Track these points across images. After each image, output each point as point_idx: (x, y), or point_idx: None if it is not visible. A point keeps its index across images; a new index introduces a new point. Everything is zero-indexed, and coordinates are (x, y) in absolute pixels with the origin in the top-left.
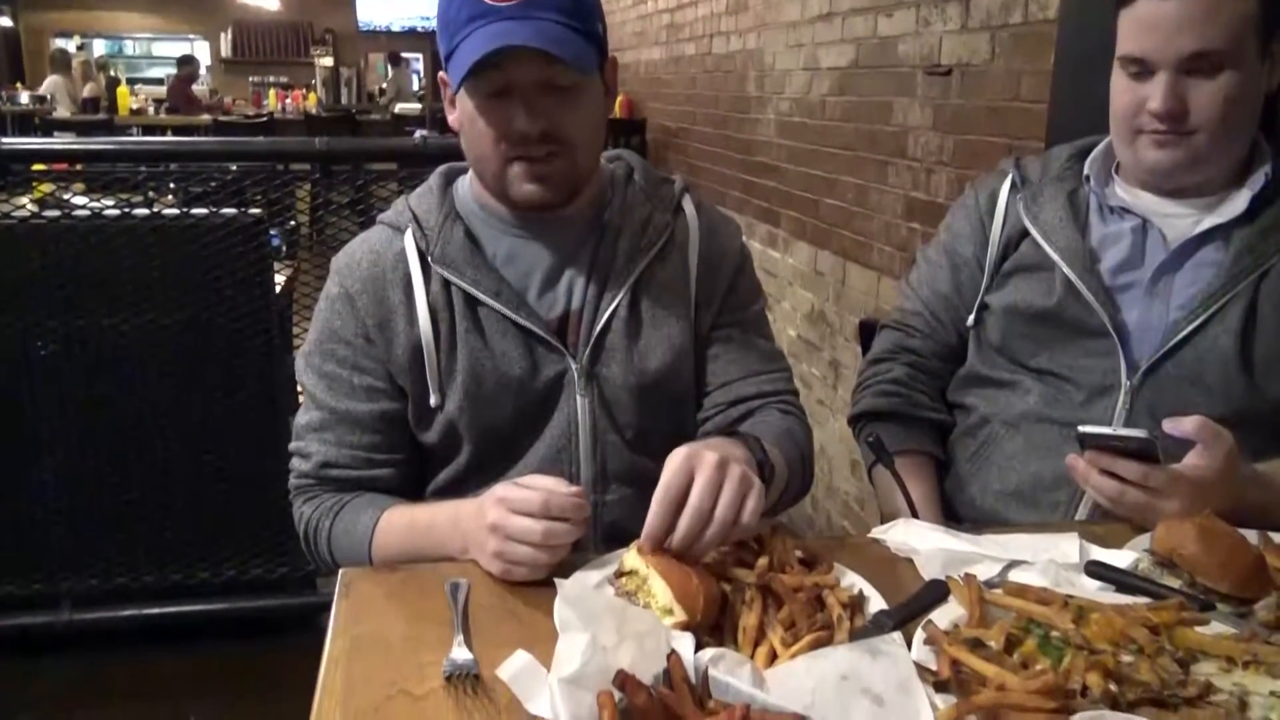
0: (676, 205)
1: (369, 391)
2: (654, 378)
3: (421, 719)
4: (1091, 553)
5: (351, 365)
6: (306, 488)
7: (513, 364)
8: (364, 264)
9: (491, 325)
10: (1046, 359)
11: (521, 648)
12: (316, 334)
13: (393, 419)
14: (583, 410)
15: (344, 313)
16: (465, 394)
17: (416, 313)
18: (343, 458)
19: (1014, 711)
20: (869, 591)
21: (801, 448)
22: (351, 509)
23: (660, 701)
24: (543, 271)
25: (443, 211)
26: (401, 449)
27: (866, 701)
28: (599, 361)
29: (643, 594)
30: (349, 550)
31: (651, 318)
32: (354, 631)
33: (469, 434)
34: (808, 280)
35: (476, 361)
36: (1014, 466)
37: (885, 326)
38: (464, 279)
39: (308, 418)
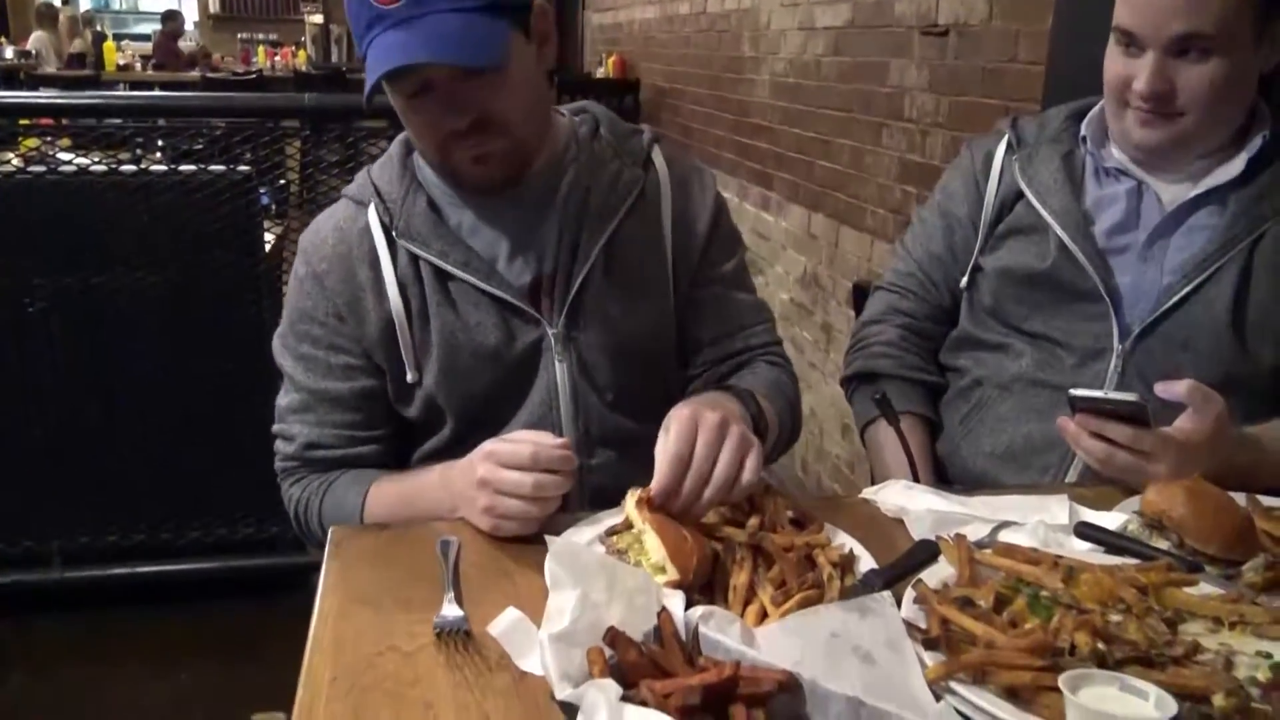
0: (646, 158)
1: (346, 370)
2: (633, 338)
3: (412, 675)
4: (1081, 514)
5: (326, 345)
6: (292, 470)
7: (487, 334)
8: (330, 241)
9: (463, 297)
10: (1039, 322)
11: (512, 605)
12: (289, 315)
13: (372, 395)
14: (562, 375)
15: (313, 293)
16: (441, 368)
17: (386, 289)
18: (326, 438)
19: (1002, 669)
20: (859, 551)
21: (790, 399)
22: (340, 485)
23: (650, 658)
24: (510, 238)
25: (404, 183)
26: (384, 424)
27: (856, 659)
28: (575, 325)
29: (634, 552)
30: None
31: (628, 277)
32: (344, 589)
33: (449, 407)
34: (800, 243)
35: (450, 334)
36: (1005, 429)
37: (879, 288)
38: (430, 251)
39: (288, 399)
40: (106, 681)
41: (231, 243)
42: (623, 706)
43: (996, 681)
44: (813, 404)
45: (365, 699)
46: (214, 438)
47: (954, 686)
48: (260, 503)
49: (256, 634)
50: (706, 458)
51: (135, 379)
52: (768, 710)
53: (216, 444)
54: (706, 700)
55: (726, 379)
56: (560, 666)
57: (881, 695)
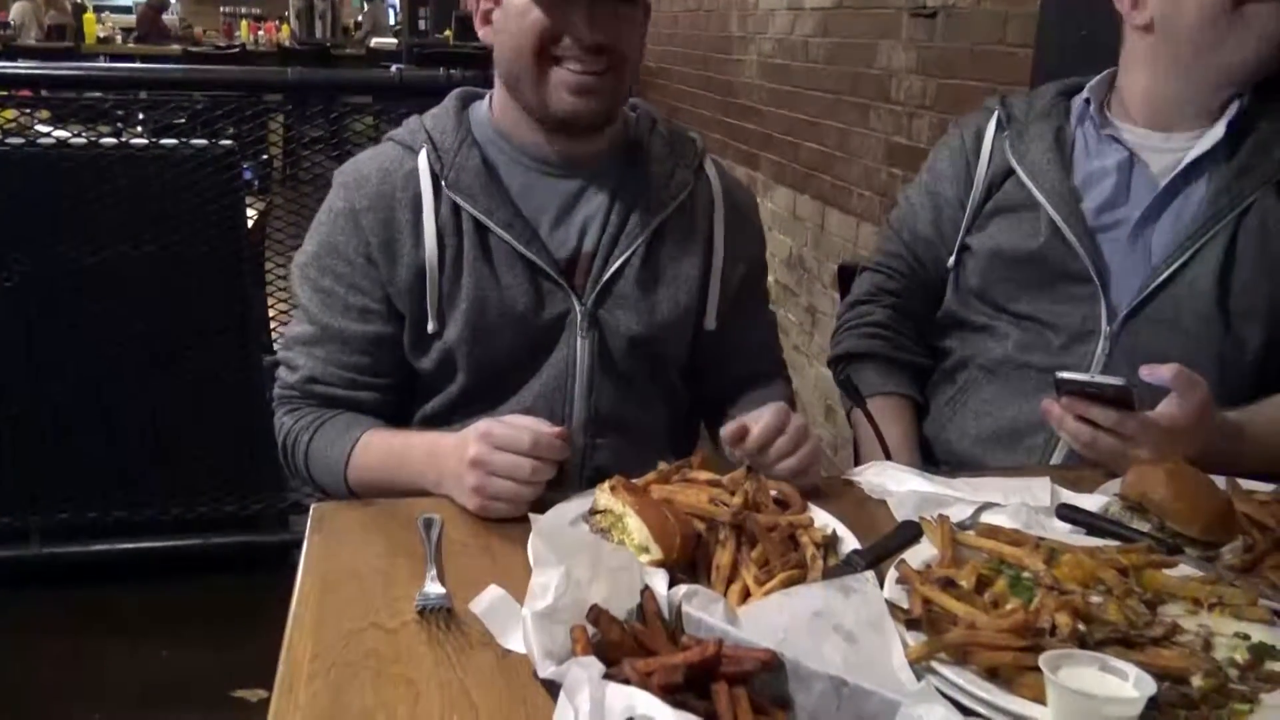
0: (698, 165)
1: (363, 313)
2: (658, 331)
3: (393, 652)
4: (1062, 496)
5: (349, 284)
6: (289, 398)
7: (517, 298)
8: (373, 180)
9: (500, 256)
10: (1026, 303)
11: (495, 582)
12: (316, 246)
13: (385, 342)
14: (582, 352)
15: (347, 229)
16: (467, 322)
17: (424, 235)
18: (329, 375)
19: (984, 649)
20: (842, 532)
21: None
22: (332, 426)
23: (633, 636)
24: (557, 208)
25: (459, 135)
26: (390, 374)
27: (838, 638)
28: (604, 306)
29: (617, 532)
30: (324, 467)
31: (665, 272)
32: (326, 565)
33: (466, 364)
34: (786, 225)
35: (482, 290)
36: (991, 411)
37: (866, 269)
38: (477, 206)
39: (299, 329)
40: (86, 659)
41: (213, 218)
42: (605, 684)
43: (978, 661)
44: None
45: (346, 676)
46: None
47: (935, 666)
48: (242, 480)
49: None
50: (791, 442)
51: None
52: (750, 688)
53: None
54: (689, 679)
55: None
56: (543, 644)
57: (863, 674)
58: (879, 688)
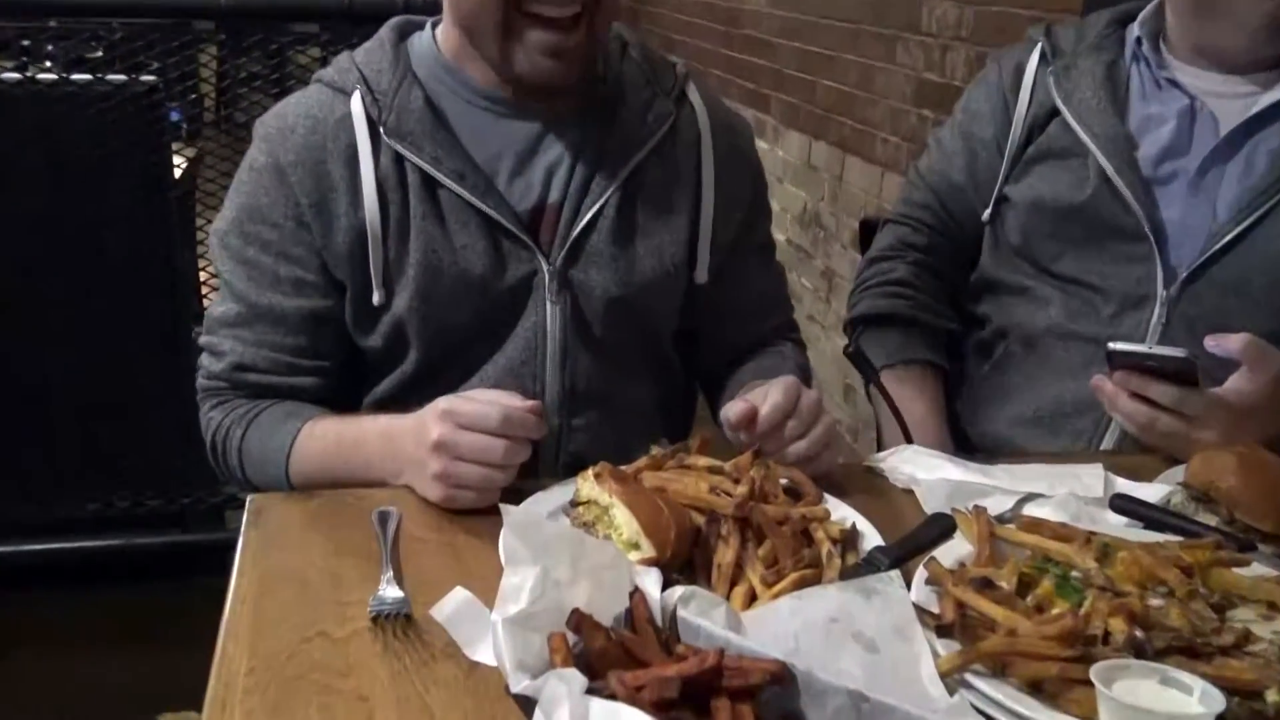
0: (679, 93)
1: (297, 285)
2: (641, 291)
3: (343, 665)
4: (1117, 485)
5: (277, 252)
6: (217, 390)
7: (474, 260)
8: (299, 130)
9: (452, 213)
10: (1072, 263)
11: (460, 584)
12: (236, 211)
13: (323, 319)
14: (552, 319)
15: (272, 189)
16: (417, 291)
17: (362, 193)
18: (261, 360)
19: (1026, 660)
20: (863, 525)
21: (809, 377)
22: (269, 417)
23: (621, 645)
24: (516, 154)
25: (397, 73)
26: (331, 354)
27: (858, 647)
28: (575, 265)
29: (602, 525)
30: (262, 465)
31: (644, 221)
32: (264, 566)
33: (419, 339)
34: (800, 175)
35: (432, 254)
36: (1032, 388)
37: (889, 221)
38: (422, 155)
39: (223, 309)
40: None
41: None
42: (588, 700)
43: (1019, 674)
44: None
45: (288, 692)
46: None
47: (970, 679)
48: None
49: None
50: (803, 424)
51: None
52: (756, 705)
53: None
54: (686, 693)
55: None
56: (516, 655)
57: (887, 688)
58: (904, 704)
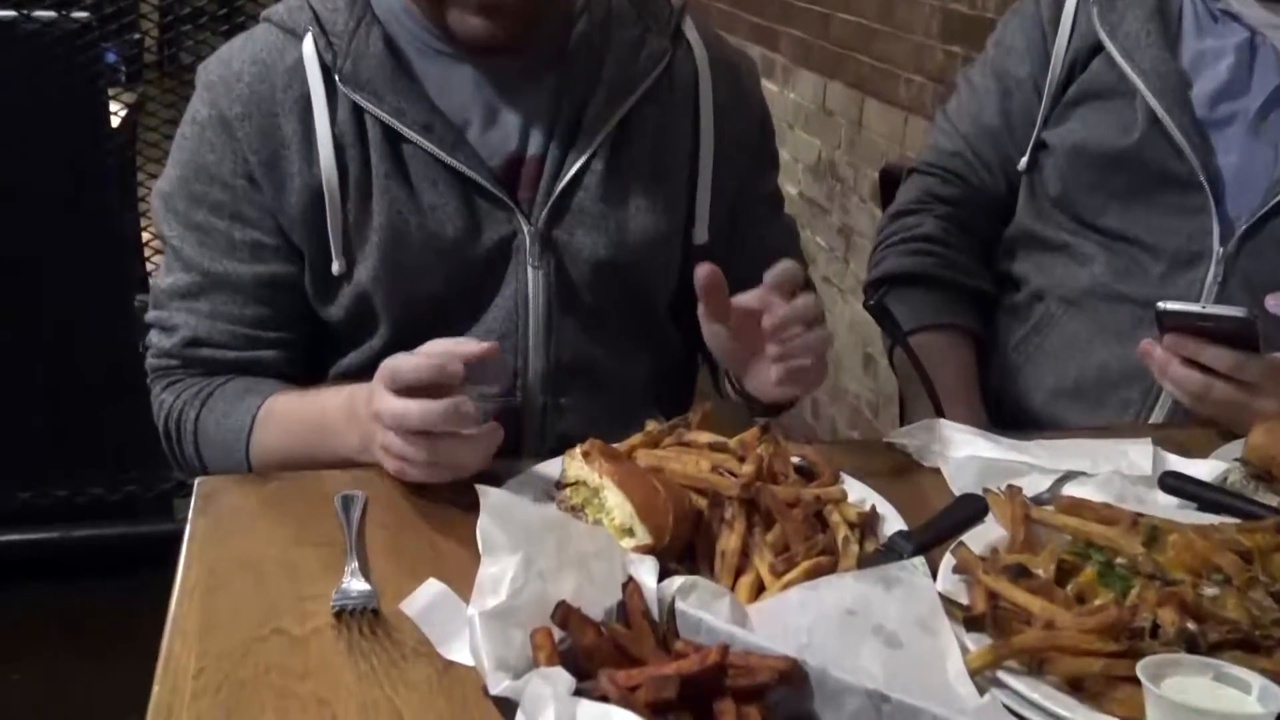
0: (675, 29)
1: (253, 249)
2: (632, 253)
3: (302, 666)
4: (1168, 462)
5: (230, 214)
6: (168, 370)
7: (445, 221)
8: (246, 78)
9: (418, 170)
10: (1117, 216)
11: (433, 576)
12: (181, 170)
13: (283, 285)
14: (535, 286)
15: (219, 144)
16: (382, 259)
17: (317, 148)
18: (217, 333)
19: (1065, 655)
20: (884, 508)
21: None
22: (225, 396)
23: (612, 641)
24: (488, 102)
25: (354, 13)
26: (293, 324)
27: (878, 642)
28: (559, 225)
29: (592, 509)
30: (220, 448)
31: (636, 175)
32: (214, 556)
33: (386, 312)
34: (813, 121)
35: (398, 217)
36: (1073, 356)
37: (914, 171)
38: (383, 106)
39: (172, 280)
40: None
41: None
42: (576, 702)
43: (1057, 671)
44: None
45: (242, 696)
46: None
47: (1002, 677)
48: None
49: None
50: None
51: None
52: (763, 707)
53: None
54: (685, 695)
55: None
56: (496, 653)
57: (910, 687)
58: (930, 704)
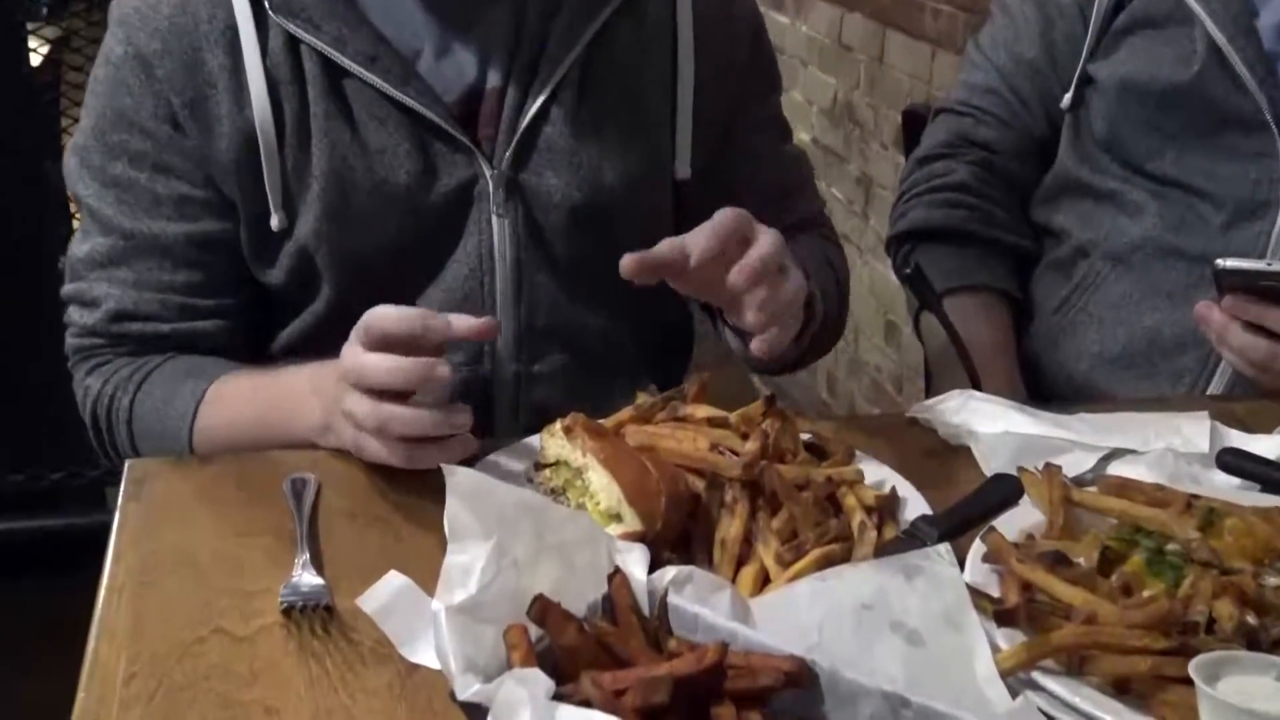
0: None
1: (180, 204)
2: (610, 195)
3: (247, 670)
4: (1227, 438)
5: (153, 165)
6: (93, 350)
7: (396, 165)
8: (165, 9)
9: (364, 108)
10: (1173, 161)
11: (394, 568)
12: (95, 119)
13: (217, 245)
14: (501, 238)
15: (136, 86)
16: (324, 211)
17: (247, 87)
18: (145, 304)
19: (1109, 653)
20: (905, 489)
21: (840, 280)
22: (163, 379)
23: (597, 639)
24: (440, 29)
25: None
26: (231, 289)
27: (898, 640)
28: (526, 166)
29: (574, 492)
30: (160, 440)
31: (611, 104)
32: (148, 548)
33: (331, 271)
34: (829, 57)
35: (341, 162)
36: (1121, 319)
37: (943, 111)
38: (321, 36)
39: (90, 246)
40: None
41: None
42: (554, 708)
43: (1100, 671)
44: None
45: (178, 704)
46: None
47: (1037, 678)
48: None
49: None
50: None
51: None
52: (768, 712)
53: None
54: (679, 698)
55: None
56: (464, 653)
57: (933, 690)
58: (955, 709)
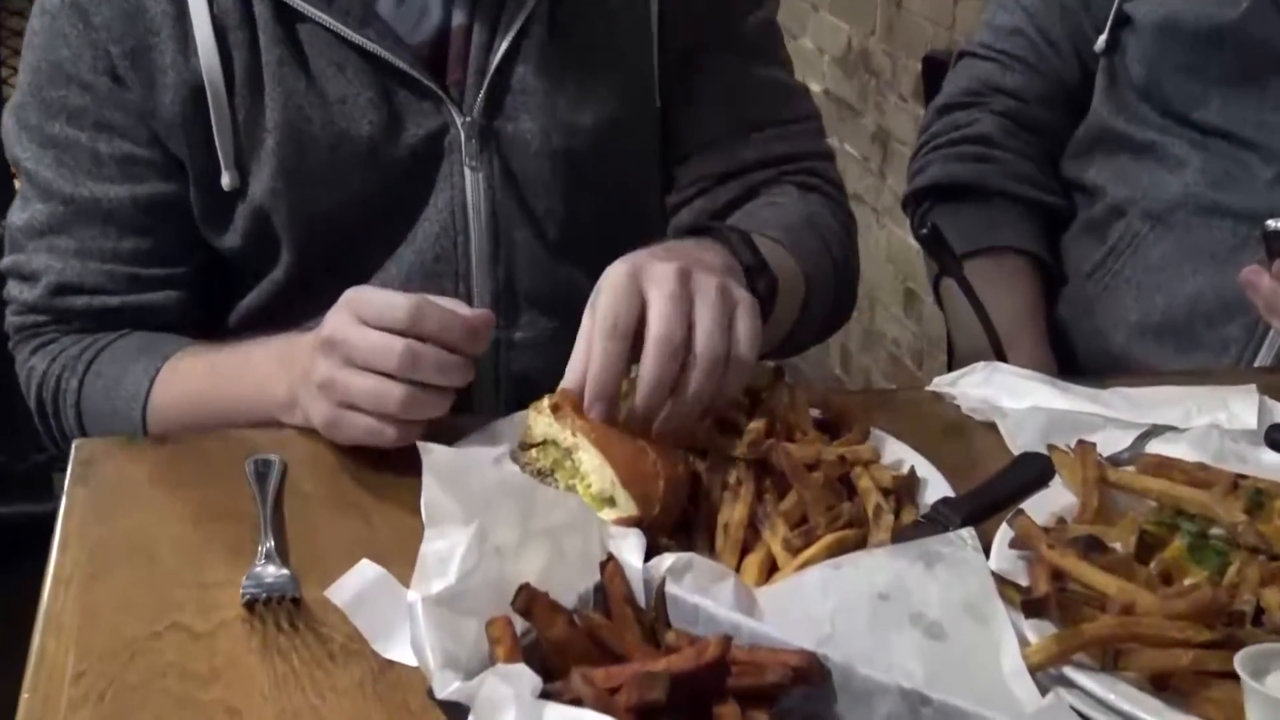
0: None
1: (124, 165)
2: (592, 139)
3: (206, 668)
4: (1276, 414)
5: (93, 123)
6: (37, 328)
7: (358, 116)
8: None
9: (320, 54)
10: (1217, 109)
11: (367, 556)
12: (32, 75)
13: (165, 208)
14: (475, 192)
15: (73, 37)
16: (280, 168)
17: (193, 34)
18: (90, 275)
19: (1148, 646)
20: (925, 470)
21: (831, 242)
22: (115, 357)
23: (588, 632)
24: None
25: None
26: (182, 257)
27: (917, 632)
28: (500, 112)
29: (563, 474)
30: (112, 422)
31: (585, 40)
32: (98, 536)
33: (289, 233)
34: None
35: (297, 114)
36: (1161, 284)
37: (966, 55)
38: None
39: (28, 215)
40: None
41: None
42: (542, 706)
43: (1137, 665)
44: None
45: (131, 705)
46: None
47: (1069, 674)
48: None
49: None
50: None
51: None
52: (775, 712)
53: None
54: (677, 696)
55: (730, 212)
56: (443, 648)
57: (955, 686)
58: (979, 707)
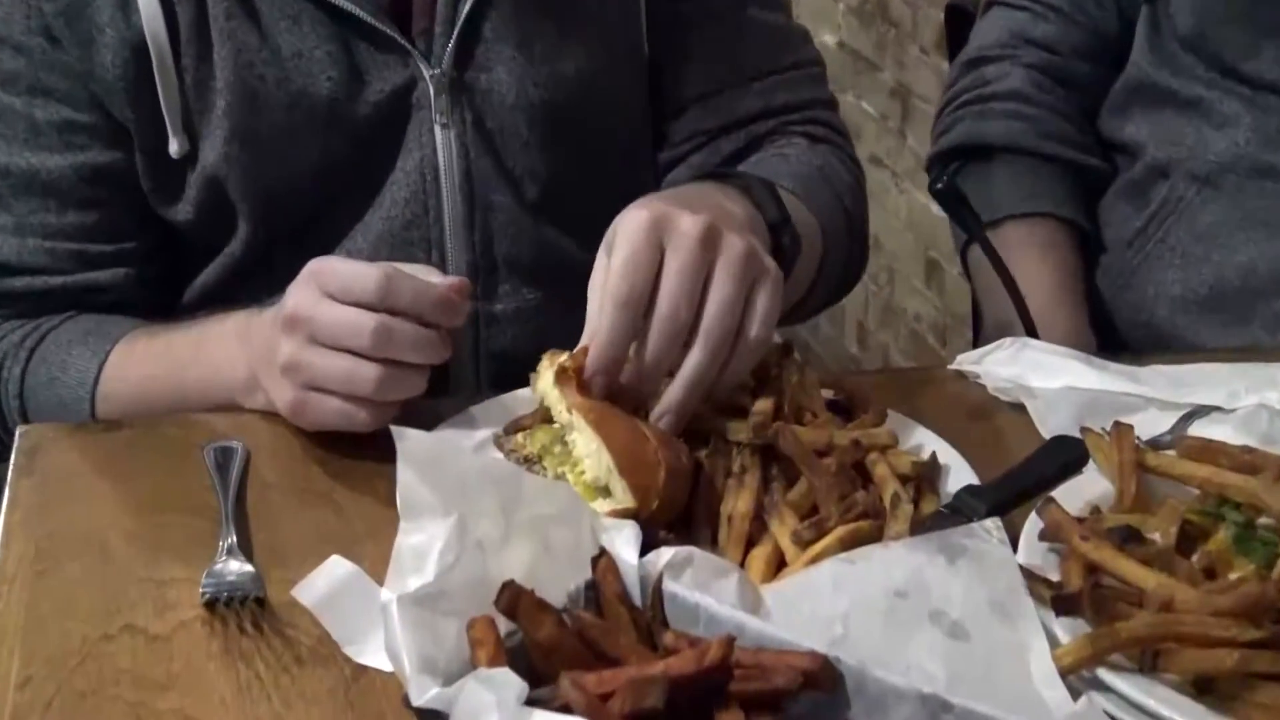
0: None
1: (64, 132)
2: (573, 90)
3: (163, 673)
4: None
5: (28, 87)
6: None
7: (316, 73)
8: None
9: (272, 6)
10: (1272, 61)
11: (337, 551)
12: None
13: (110, 178)
14: (446, 152)
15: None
16: (233, 131)
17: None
18: (31, 254)
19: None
20: (947, 455)
21: (844, 194)
22: (59, 342)
23: (579, 634)
24: None
25: None
26: (130, 232)
27: (937, 633)
28: (471, 64)
29: (554, 461)
30: (57, 411)
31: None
32: (44, 530)
33: (246, 203)
34: None
35: (249, 71)
36: (1208, 253)
37: (995, 4)
38: None
39: None
40: None
41: None
42: (528, 714)
43: (1178, 666)
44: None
45: (81, 713)
46: None
47: (1103, 677)
48: None
49: None
50: (681, 298)
51: None
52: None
53: None
54: (676, 703)
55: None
56: (420, 651)
57: (979, 691)
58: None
